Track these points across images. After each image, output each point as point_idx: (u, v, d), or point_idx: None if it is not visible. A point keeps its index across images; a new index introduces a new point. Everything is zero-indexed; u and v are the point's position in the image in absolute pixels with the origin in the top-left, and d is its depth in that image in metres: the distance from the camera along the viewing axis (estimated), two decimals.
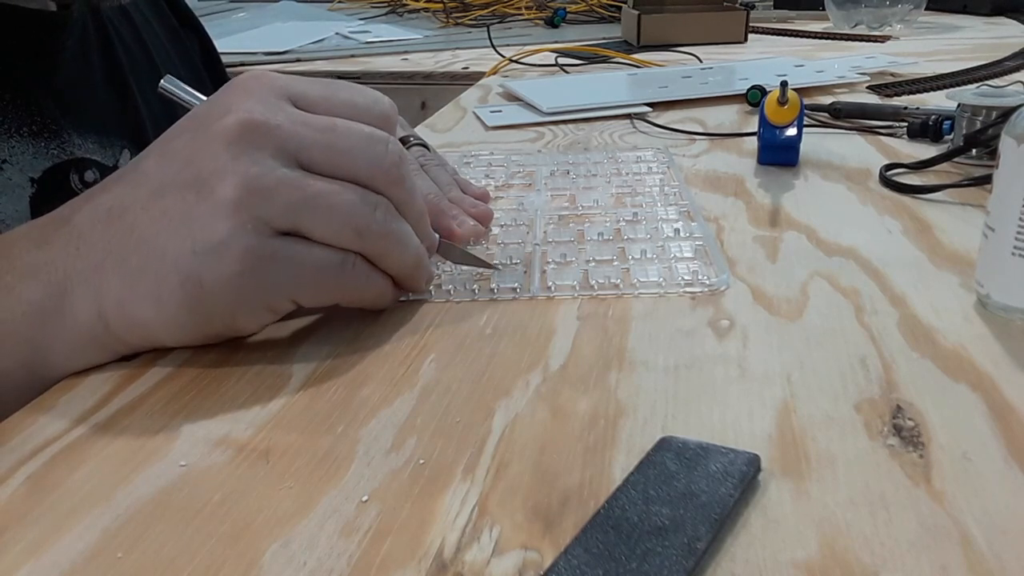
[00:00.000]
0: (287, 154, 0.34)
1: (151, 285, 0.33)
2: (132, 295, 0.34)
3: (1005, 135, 0.36)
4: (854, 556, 0.24)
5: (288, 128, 0.34)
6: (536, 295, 0.41)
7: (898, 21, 1.29)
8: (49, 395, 0.34)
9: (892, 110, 0.71)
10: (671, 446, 0.28)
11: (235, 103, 0.34)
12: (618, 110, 0.80)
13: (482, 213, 0.49)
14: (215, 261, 0.33)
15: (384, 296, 0.39)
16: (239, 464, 0.29)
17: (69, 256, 0.34)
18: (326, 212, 0.34)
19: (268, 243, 0.33)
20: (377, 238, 0.36)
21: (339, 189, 0.34)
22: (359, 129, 0.36)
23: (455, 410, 0.32)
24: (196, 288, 0.33)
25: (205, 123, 0.34)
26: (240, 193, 0.33)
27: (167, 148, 0.35)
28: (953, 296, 0.40)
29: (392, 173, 0.36)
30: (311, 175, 0.34)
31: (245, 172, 0.33)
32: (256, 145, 0.33)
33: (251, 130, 0.33)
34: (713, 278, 0.42)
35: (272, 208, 0.33)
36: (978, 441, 0.29)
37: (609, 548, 0.24)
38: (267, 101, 0.35)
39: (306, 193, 0.34)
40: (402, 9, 1.69)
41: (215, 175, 0.33)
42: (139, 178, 0.35)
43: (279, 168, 0.34)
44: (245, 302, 0.34)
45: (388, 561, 0.25)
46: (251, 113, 0.34)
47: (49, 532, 0.26)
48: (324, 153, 0.35)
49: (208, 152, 0.33)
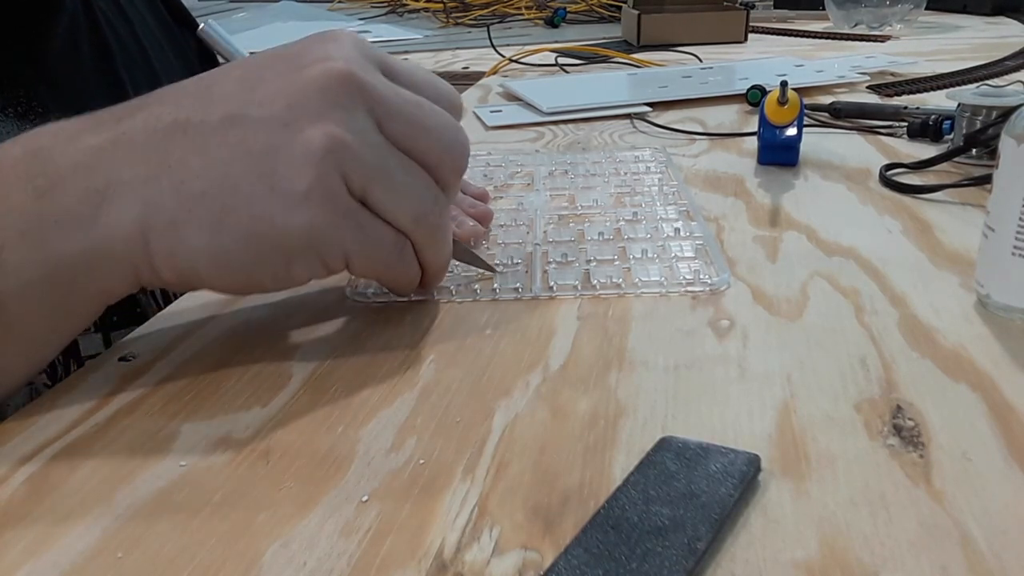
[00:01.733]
0: (375, 115, 0.33)
1: (215, 215, 0.32)
2: (190, 219, 0.32)
3: (1005, 135, 0.36)
4: (854, 556, 0.24)
5: (382, 92, 0.33)
6: (538, 295, 0.41)
7: (898, 21, 1.29)
8: (49, 395, 0.34)
9: (892, 110, 0.71)
10: (671, 446, 0.28)
11: (335, 51, 0.33)
12: (618, 110, 0.80)
13: (481, 213, 0.49)
14: (293, 207, 0.32)
15: (413, 285, 0.38)
16: (239, 464, 0.29)
17: (116, 163, 0.32)
18: (397, 188, 0.34)
19: (346, 201, 0.33)
20: (430, 229, 0.36)
21: (412, 169, 0.34)
22: (442, 113, 0.35)
23: (455, 410, 0.32)
24: (266, 229, 0.32)
25: (300, 63, 0.33)
26: (330, 143, 0.32)
27: (251, 75, 0.34)
28: (953, 296, 0.40)
29: (459, 163, 0.36)
30: (392, 146, 0.34)
31: (339, 124, 0.32)
32: (351, 99, 0.33)
33: (350, 83, 0.33)
34: (714, 277, 0.42)
35: (355, 167, 0.33)
36: (978, 441, 0.29)
37: (609, 548, 0.24)
38: (361, 60, 0.34)
39: (386, 163, 0.33)
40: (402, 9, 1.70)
41: (306, 117, 0.32)
42: (213, 97, 0.33)
43: (368, 129, 0.33)
44: (307, 253, 0.33)
45: (388, 561, 0.25)
46: (352, 66, 0.33)
47: (49, 532, 0.26)
48: (408, 127, 0.34)
49: (302, 92, 0.32)
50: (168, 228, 0.32)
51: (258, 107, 0.33)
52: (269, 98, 0.33)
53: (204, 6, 1.81)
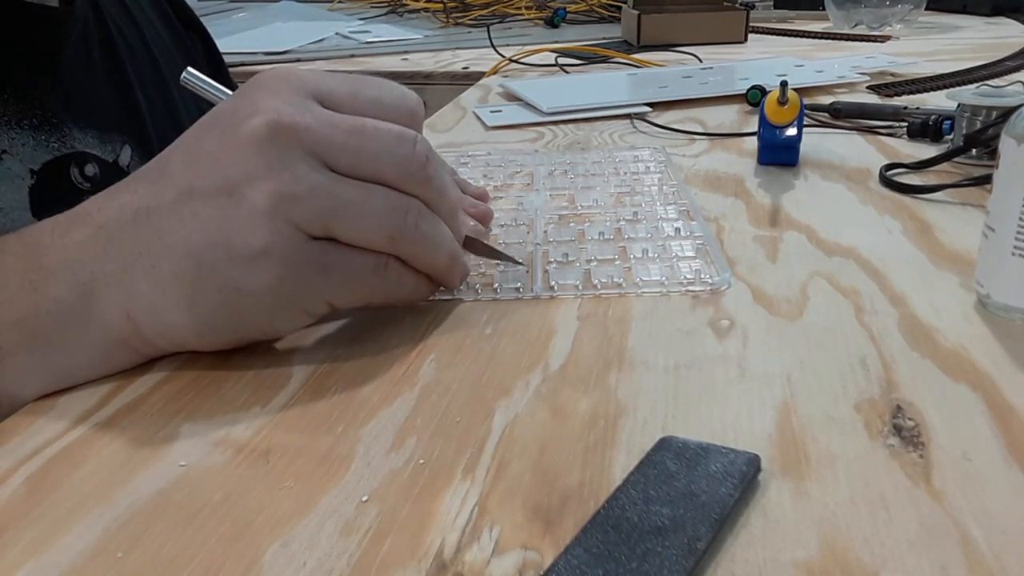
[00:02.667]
0: (316, 157, 0.33)
1: (185, 291, 0.33)
2: (165, 301, 0.33)
3: (1005, 135, 0.36)
4: (854, 556, 0.24)
5: (316, 130, 0.34)
6: (539, 295, 0.41)
7: (898, 21, 1.29)
8: (49, 395, 0.34)
9: (892, 110, 0.71)
10: (671, 446, 0.28)
11: (262, 102, 0.34)
12: (618, 110, 0.80)
13: (482, 213, 0.49)
14: (253, 268, 0.33)
15: (418, 294, 0.39)
16: (239, 464, 0.29)
17: (97, 257, 0.34)
18: (358, 218, 0.34)
19: (304, 248, 0.33)
20: (409, 241, 0.36)
21: (369, 195, 0.34)
22: (387, 130, 0.35)
23: (455, 410, 0.32)
24: (234, 294, 0.33)
25: (232, 123, 0.34)
26: (274, 200, 0.32)
27: (193, 148, 0.35)
28: (953, 296, 0.40)
29: (420, 174, 0.36)
30: (342, 179, 0.34)
31: (278, 178, 0.33)
32: (286, 148, 0.33)
33: (280, 132, 0.33)
34: (715, 277, 0.42)
35: (306, 214, 0.33)
36: (978, 441, 0.29)
37: (609, 548, 0.24)
38: (294, 101, 0.34)
39: (338, 200, 0.33)
40: (402, 9, 1.70)
41: (246, 180, 0.33)
42: (165, 180, 0.34)
43: (310, 173, 0.33)
44: (283, 307, 0.34)
45: (388, 561, 0.25)
46: (279, 114, 0.33)
47: (49, 532, 0.26)
48: (353, 157, 0.34)
49: (237, 155, 0.33)
50: (150, 312, 0.34)
51: (202, 180, 0.33)
52: (209, 169, 0.33)
53: (204, 6, 1.81)
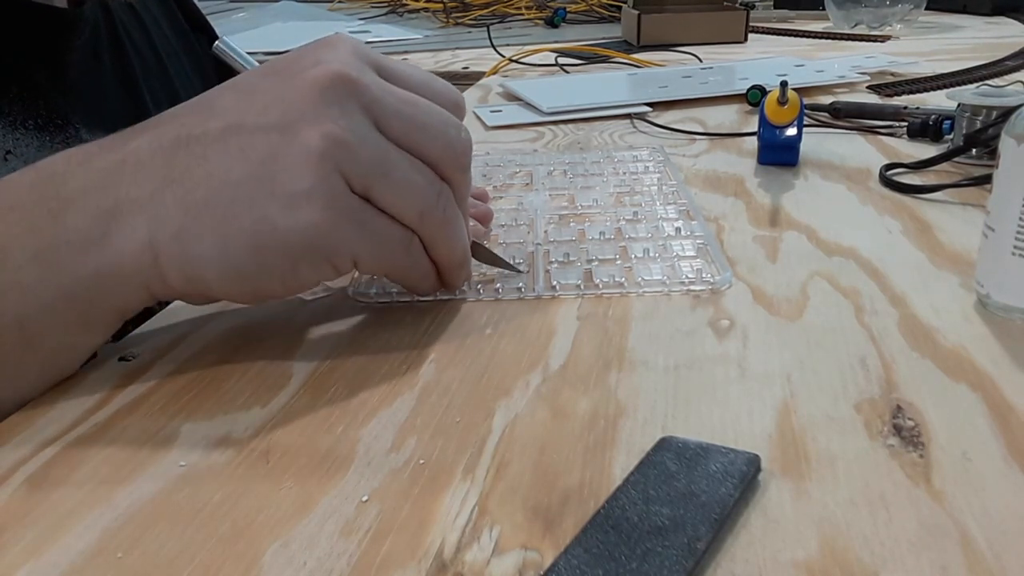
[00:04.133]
0: (371, 116, 0.34)
1: (218, 221, 0.32)
2: (195, 228, 0.32)
3: (1005, 135, 0.36)
4: (854, 556, 0.24)
5: (376, 90, 0.34)
6: (541, 295, 0.41)
7: (898, 21, 1.29)
8: (49, 395, 0.34)
9: (892, 110, 0.71)
10: (671, 446, 0.28)
11: (325, 56, 0.34)
12: (618, 110, 0.80)
13: (482, 213, 0.49)
14: (295, 208, 0.32)
15: (427, 282, 0.38)
16: (239, 464, 0.29)
17: (123, 183, 0.32)
18: (398, 184, 0.34)
19: (346, 199, 0.33)
20: (436, 224, 0.36)
21: (412, 165, 0.34)
22: (438, 110, 0.36)
23: (455, 410, 0.32)
24: (269, 231, 0.32)
25: (294, 70, 0.34)
26: (327, 144, 0.32)
27: (248, 87, 0.35)
28: (953, 296, 0.40)
29: (461, 160, 0.36)
30: (390, 142, 0.34)
31: (335, 124, 0.32)
32: (346, 99, 0.33)
33: (343, 83, 0.33)
34: (716, 276, 0.42)
35: (355, 165, 0.33)
36: (978, 441, 0.29)
37: (609, 548, 0.24)
38: (356, 62, 0.34)
39: (386, 160, 0.34)
40: (402, 9, 1.70)
41: (303, 120, 0.32)
42: (213, 111, 0.34)
43: (365, 127, 0.33)
44: (311, 255, 0.33)
45: (388, 561, 0.25)
46: (344, 66, 0.33)
47: (49, 532, 0.26)
48: (404, 124, 0.34)
49: (297, 97, 0.33)
50: (175, 239, 0.32)
51: (256, 115, 0.33)
52: (265, 106, 0.33)
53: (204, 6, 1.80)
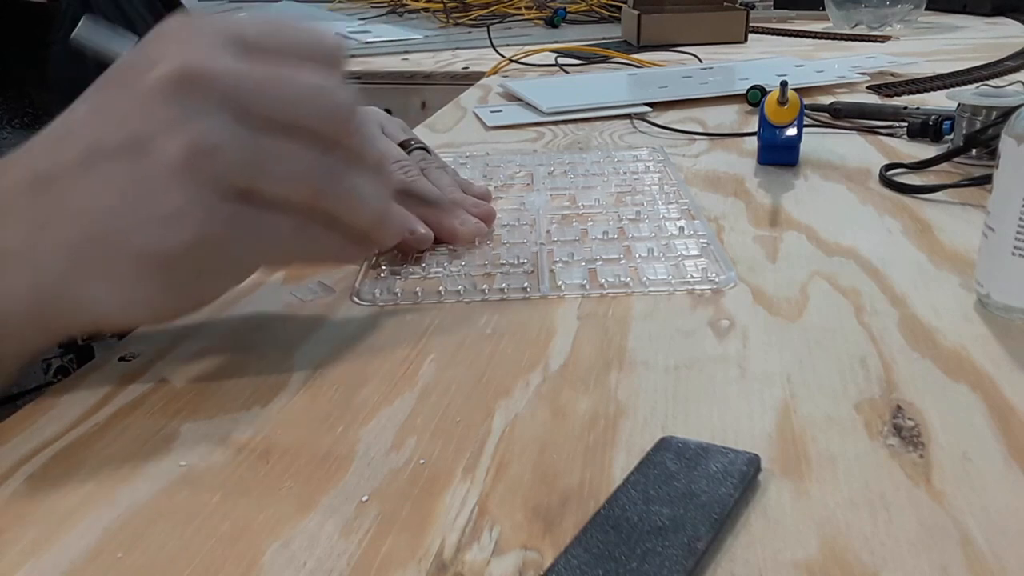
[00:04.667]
0: (231, 106, 0.31)
1: (99, 261, 0.30)
2: (78, 273, 0.30)
3: (1005, 135, 0.36)
4: (854, 556, 0.24)
5: (229, 77, 0.31)
6: (547, 294, 0.41)
7: (898, 21, 1.29)
8: (49, 395, 0.34)
9: (892, 110, 0.71)
10: (671, 446, 0.28)
11: (167, 51, 0.31)
12: (618, 110, 0.80)
13: (485, 212, 0.49)
14: (173, 231, 0.30)
15: (346, 255, 0.36)
16: (239, 464, 0.29)
17: None
18: (279, 172, 0.32)
19: (224, 206, 0.31)
20: (334, 197, 0.33)
21: (291, 146, 0.32)
22: (306, 77, 0.32)
23: (455, 410, 0.32)
24: (154, 260, 0.30)
25: (137, 73, 0.31)
26: (187, 153, 0.30)
27: (97, 102, 0.32)
28: (953, 296, 0.40)
29: (343, 122, 0.33)
30: (260, 130, 0.31)
31: (191, 130, 0.30)
32: (198, 98, 0.30)
33: (189, 80, 0.30)
34: (721, 276, 0.42)
35: (224, 169, 0.30)
36: (978, 441, 0.29)
37: (609, 548, 0.24)
38: (201, 48, 0.31)
39: (257, 152, 0.31)
40: (402, 9, 1.70)
41: (157, 135, 0.30)
42: (66, 138, 0.31)
43: (226, 124, 0.30)
44: (206, 271, 0.32)
45: (388, 561, 0.25)
46: (188, 61, 0.30)
47: (49, 532, 0.26)
48: (270, 105, 0.31)
49: (144, 108, 0.30)
50: (61, 285, 0.31)
51: (110, 134, 0.31)
52: (117, 122, 0.31)
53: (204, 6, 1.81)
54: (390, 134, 0.52)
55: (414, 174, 0.48)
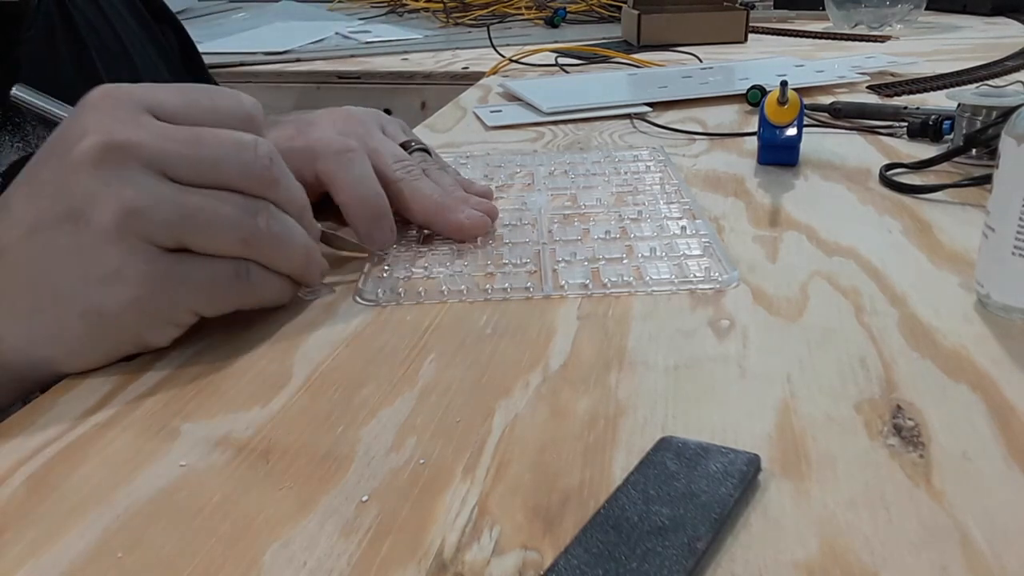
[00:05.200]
0: (155, 169, 0.33)
1: (49, 324, 0.33)
2: (30, 336, 0.33)
3: (1005, 135, 0.36)
4: (854, 556, 0.24)
5: (151, 144, 0.33)
6: (550, 294, 0.41)
7: (898, 21, 1.29)
8: (49, 395, 0.34)
9: (892, 110, 0.71)
10: (671, 446, 0.28)
11: (91, 123, 0.33)
12: (618, 110, 0.80)
13: (487, 210, 0.49)
14: (112, 289, 0.33)
15: (283, 295, 0.39)
16: (239, 464, 0.29)
17: None
18: (208, 226, 0.34)
19: (159, 262, 0.33)
20: (263, 244, 0.36)
21: (216, 202, 0.34)
22: (226, 136, 0.35)
23: (455, 410, 0.32)
24: (97, 318, 0.33)
25: (64, 149, 0.33)
26: (119, 217, 0.32)
27: (33, 181, 0.34)
28: (953, 296, 0.40)
29: (265, 176, 0.36)
30: (187, 189, 0.34)
31: (119, 195, 0.32)
32: (122, 165, 0.33)
33: (113, 150, 0.33)
34: (724, 275, 0.42)
35: (154, 226, 0.33)
36: (978, 441, 0.29)
37: (609, 548, 0.24)
38: (123, 118, 0.33)
39: (185, 208, 0.33)
40: (402, 9, 1.69)
41: (88, 203, 0.32)
42: (9, 218, 0.34)
43: (152, 186, 0.33)
44: (148, 323, 0.35)
45: (388, 561, 0.25)
46: (110, 133, 0.33)
47: (49, 532, 0.26)
48: (193, 166, 0.34)
49: (75, 180, 0.33)
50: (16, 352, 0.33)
51: (46, 212, 0.33)
52: (51, 200, 0.33)
53: (204, 6, 1.81)
54: (391, 134, 0.52)
55: (416, 173, 0.48)
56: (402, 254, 0.46)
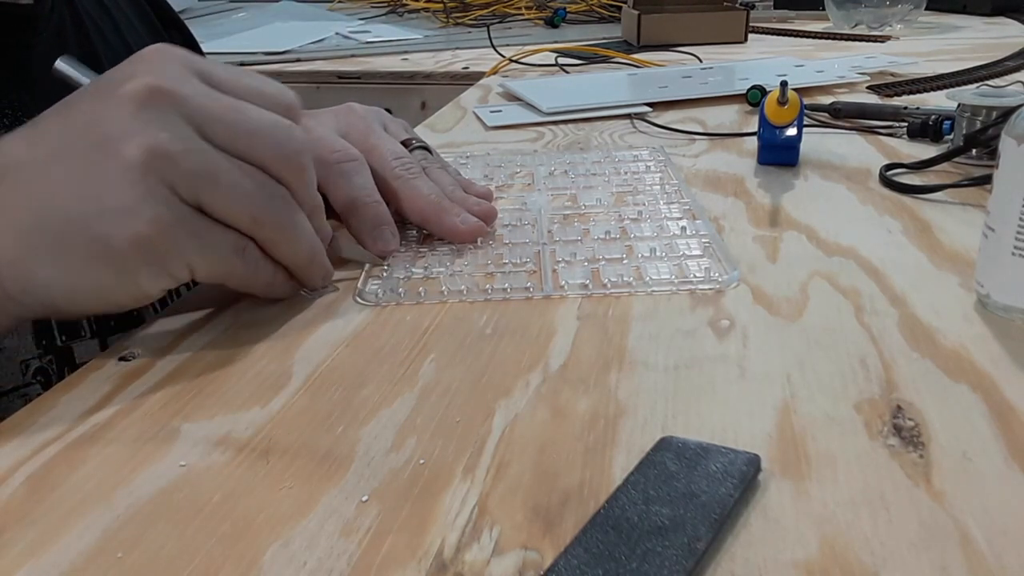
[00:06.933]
0: (193, 123, 0.34)
1: (51, 245, 0.33)
2: (29, 254, 0.33)
3: (1005, 135, 0.36)
4: (854, 556, 0.24)
5: (195, 99, 0.34)
6: (550, 294, 0.41)
7: (898, 21, 1.29)
8: (49, 395, 0.34)
9: (892, 110, 0.71)
10: (671, 446, 0.28)
11: (140, 70, 0.34)
12: (618, 110, 0.80)
13: (486, 211, 0.49)
14: (123, 223, 0.33)
15: (273, 287, 0.39)
16: (239, 464, 0.29)
17: None
18: (227, 191, 0.34)
19: (175, 209, 0.33)
20: (272, 227, 0.36)
21: (240, 171, 0.35)
22: (265, 114, 0.36)
23: (455, 410, 0.32)
24: (103, 249, 0.33)
25: (112, 87, 0.34)
26: (147, 156, 0.33)
27: (70, 110, 0.35)
28: (953, 296, 0.40)
29: (293, 161, 0.37)
30: (217, 149, 0.34)
31: (152, 135, 0.33)
32: (164, 111, 0.33)
33: (159, 95, 0.33)
34: (725, 275, 0.42)
35: (179, 174, 0.33)
36: (978, 441, 0.29)
37: (609, 548, 0.24)
38: (173, 71, 0.34)
39: (211, 166, 0.34)
40: (402, 9, 1.69)
41: (121, 137, 0.33)
42: (37, 137, 0.34)
43: (187, 137, 0.33)
44: (149, 265, 0.34)
45: (388, 561, 0.25)
46: (159, 79, 0.34)
47: (49, 532, 0.26)
48: (229, 130, 0.35)
49: (114, 114, 0.33)
50: (11, 267, 0.33)
51: (77, 137, 0.33)
52: (86, 126, 0.33)
53: (204, 6, 1.81)
54: (392, 133, 0.52)
55: (415, 171, 0.48)
56: (402, 254, 0.46)
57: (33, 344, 0.47)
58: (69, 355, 0.48)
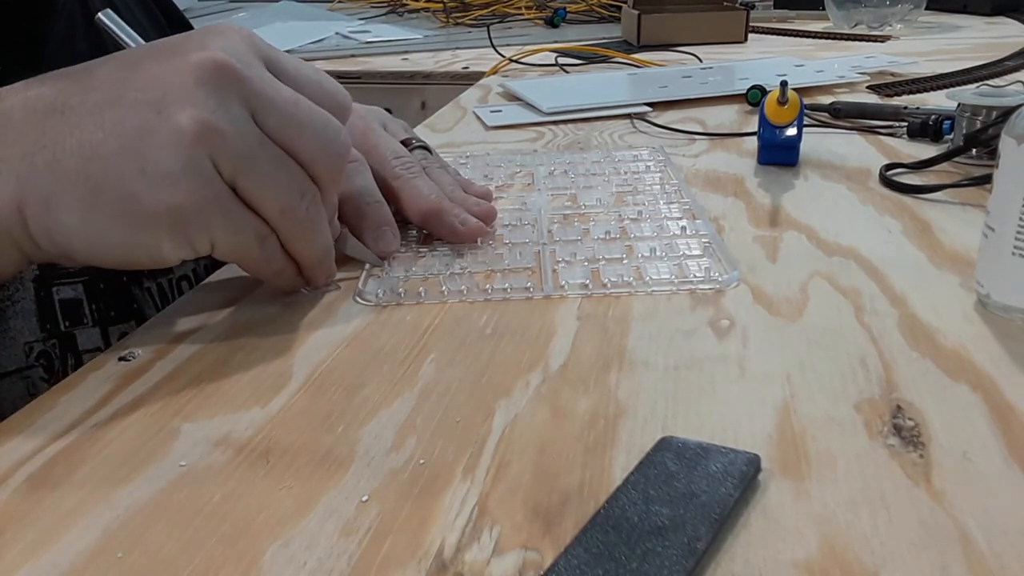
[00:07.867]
0: (249, 106, 0.34)
1: (87, 192, 0.33)
2: (63, 196, 0.33)
3: (1005, 135, 0.36)
4: (854, 556, 0.24)
5: (256, 83, 0.35)
6: (551, 294, 0.41)
7: (898, 21, 1.29)
8: (49, 395, 0.34)
9: (892, 110, 0.71)
10: (671, 446, 0.28)
11: (214, 43, 0.35)
12: (618, 110, 0.80)
13: (486, 212, 0.49)
14: (162, 187, 0.33)
15: (282, 280, 0.40)
16: (239, 464, 0.29)
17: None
18: (264, 178, 0.35)
19: (214, 184, 0.34)
20: (295, 222, 0.37)
21: (280, 162, 0.35)
22: (320, 111, 0.37)
23: (455, 410, 0.32)
24: (135, 207, 0.33)
25: (179, 52, 0.34)
26: (199, 128, 0.33)
27: (130, 62, 0.35)
28: (953, 296, 0.40)
29: (335, 163, 0.37)
30: (265, 136, 0.35)
31: (209, 109, 0.33)
32: (225, 88, 0.34)
33: (225, 72, 0.34)
34: (724, 275, 0.42)
35: (224, 152, 0.34)
36: (978, 441, 0.29)
37: (609, 548, 0.24)
38: (245, 54, 0.35)
39: (256, 152, 0.34)
40: (402, 9, 1.69)
41: (180, 102, 0.33)
42: (92, 82, 0.34)
43: (240, 118, 0.34)
44: (174, 232, 0.34)
45: (388, 561, 0.25)
46: (228, 55, 0.34)
47: (49, 532, 0.26)
48: (282, 120, 0.35)
49: (178, 78, 0.33)
50: (42, 204, 0.33)
51: (134, 91, 0.34)
52: (145, 83, 0.34)
53: (204, 6, 1.80)
54: (392, 132, 0.52)
55: (415, 171, 0.48)
56: (402, 254, 0.46)
57: (37, 327, 0.47)
58: (72, 341, 0.48)
